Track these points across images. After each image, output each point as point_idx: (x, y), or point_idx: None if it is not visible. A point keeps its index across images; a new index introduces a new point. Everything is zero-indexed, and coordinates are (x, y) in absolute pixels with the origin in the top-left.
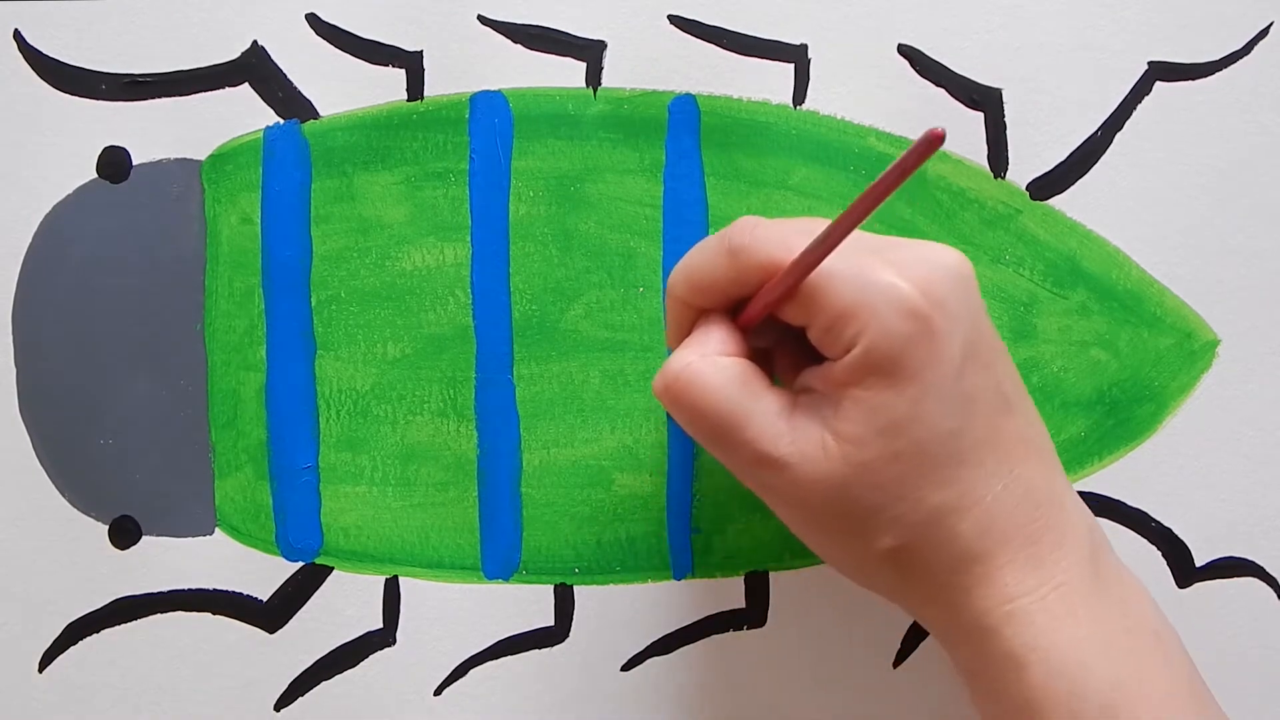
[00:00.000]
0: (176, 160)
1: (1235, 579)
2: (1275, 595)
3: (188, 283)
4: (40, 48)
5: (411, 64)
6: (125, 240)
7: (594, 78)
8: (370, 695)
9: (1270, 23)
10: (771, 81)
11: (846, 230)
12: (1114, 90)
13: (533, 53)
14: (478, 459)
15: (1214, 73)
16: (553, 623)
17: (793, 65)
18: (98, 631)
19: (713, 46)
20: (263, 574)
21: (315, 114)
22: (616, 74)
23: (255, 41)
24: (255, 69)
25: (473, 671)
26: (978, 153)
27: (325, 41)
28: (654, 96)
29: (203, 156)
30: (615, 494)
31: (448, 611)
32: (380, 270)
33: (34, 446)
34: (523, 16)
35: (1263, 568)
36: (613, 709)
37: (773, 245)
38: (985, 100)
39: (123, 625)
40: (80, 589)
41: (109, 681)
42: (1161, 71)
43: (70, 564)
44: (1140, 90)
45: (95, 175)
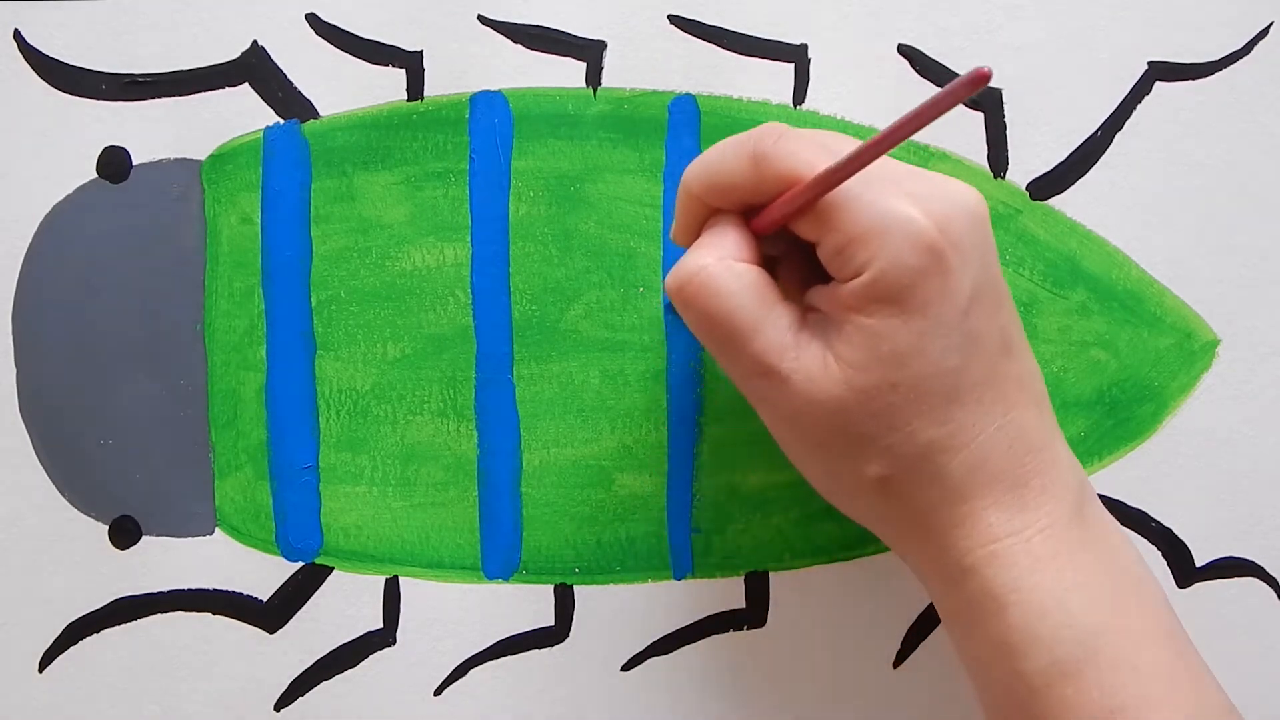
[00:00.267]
0: (176, 160)
1: (1235, 579)
2: (1275, 595)
3: (188, 283)
4: (40, 48)
5: (411, 64)
6: (125, 240)
7: (594, 78)
8: (370, 695)
9: (1270, 23)
10: (771, 81)
11: (874, 156)
12: (1114, 90)
13: (533, 53)
14: (478, 459)
15: (1214, 73)
16: (553, 623)
17: (793, 65)
18: (98, 631)
19: (713, 46)
20: (263, 574)
21: (315, 114)
22: (616, 74)
23: (255, 41)
24: (255, 69)
25: (473, 671)
26: (978, 153)
27: (325, 41)
28: (654, 96)
29: (203, 156)
30: (615, 494)
31: (448, 611)
32: (380, 270)
33: (34, 446)
34: (523, 16)
35: (1263, 568)
36: (613, 709)
37: (797, 159)
38: (985, 100)
39: (123, 625)
40: (80, 589)
41: (109, 681)
42: (1161, 71)
43: (70, 564)
44: (1140, 90)
45: (95, 175)
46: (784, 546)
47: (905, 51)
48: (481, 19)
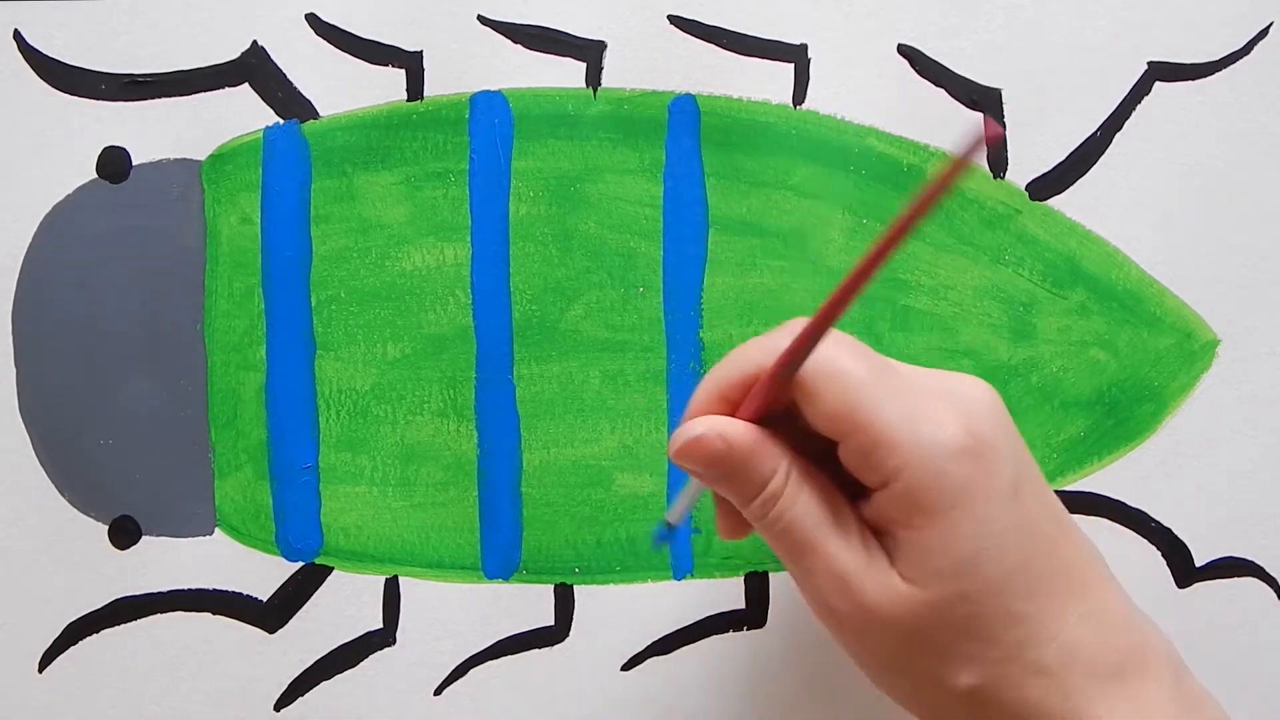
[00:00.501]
0: (176, 160)
1: (1235, 579)
2: (1275, 595)
3: (188, 283)
4: (40, 48)
5: (411, 64)
6: (125, 240)
7: (594, 78)
8: (370, 695)
9: (1270, 23)
10: (771, 81)
11: (845, 300)
12: (1114, 90)
13: (533, 53)
14: (478, 459)
15: (1214, 73)
16: (553, 623)
17: (793, 65)
18: (98, 631)
19: (713, 46)
20: (263, 574)
21: (315, 114)
22: (616, 74)
23: (255, 41)
24: (255, 69)
25: (473, 671)
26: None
27: (325, 41)
28: (654, 96)
29: (203, 156)
30: (615, 494)
31: (448, 611)
32: (380, 270)
33: (34, 446)
34: (523, 16)
35: (1263, 568)
36: (613, 709)
37: (745, 359)
38: (985, 100)
39: (123, 625)
40: (80, 589)
41: (109, 681)
42: (1161, 71)
43: (70, 564)
44: (1140, 90)
45: (95, 175)
46: None
47: (905, 51)
48: (481, 19)
